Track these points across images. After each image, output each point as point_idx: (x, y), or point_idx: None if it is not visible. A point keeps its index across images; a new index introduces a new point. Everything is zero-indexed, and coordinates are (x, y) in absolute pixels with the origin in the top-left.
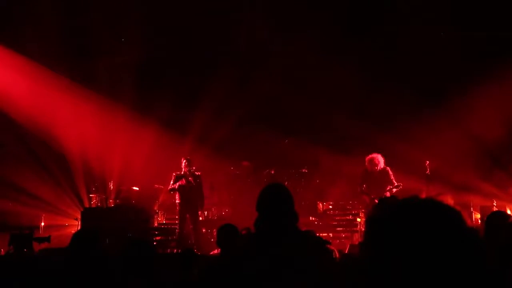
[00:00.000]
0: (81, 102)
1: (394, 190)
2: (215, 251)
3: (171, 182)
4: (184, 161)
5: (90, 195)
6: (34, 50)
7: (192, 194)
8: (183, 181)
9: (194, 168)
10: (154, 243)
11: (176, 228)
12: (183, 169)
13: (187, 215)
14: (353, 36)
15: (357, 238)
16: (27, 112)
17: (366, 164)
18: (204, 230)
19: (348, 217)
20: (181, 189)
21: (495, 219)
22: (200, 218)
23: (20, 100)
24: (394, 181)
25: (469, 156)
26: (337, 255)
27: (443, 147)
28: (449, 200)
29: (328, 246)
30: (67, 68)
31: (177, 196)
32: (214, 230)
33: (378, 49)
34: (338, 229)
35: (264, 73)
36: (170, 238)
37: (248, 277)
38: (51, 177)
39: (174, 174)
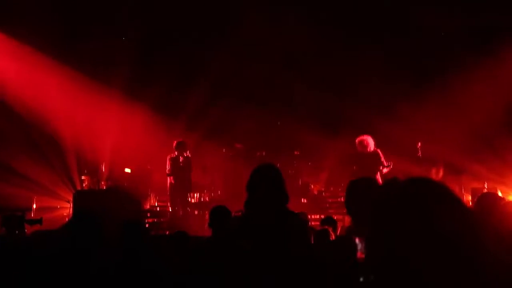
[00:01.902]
0: (73, 84)
1: (385, 170)
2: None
3: (168, 167)
4: (176, 143)
5: (82, 177)
6: (24, 32)
7: (183, 177)
8: (177, 164)
9: (186, 150)
10: (146, 225)
11: (168, 210)
12: (175, 152)
13: (178, 198)
14: (344, 17)
15: (348, 220)
16: (18, 94)
17: (356, 145)
18: (196, 212)
19: (339, 199)
20: (175, 171)
21: (486, 200)
22: (192, 200)
23: (11, 83)
24: (385, 162)
25: (461, 137)
26: (333, 236)
27: (435, 129)
28: (440, 173)
29: (326, 227)
30: (59, 50)
31: (170, 180)
32: (207, 212)
33: (370, 30)
34: (330, 211)
35: (258, 55)
36: (162, 220)
37: (237, 258)
38: (43, 159)
39: (168, 157)
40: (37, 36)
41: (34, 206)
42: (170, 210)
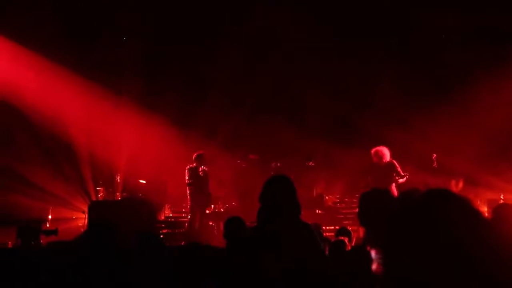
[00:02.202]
0: (89, 95)
1: (400, 181)
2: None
3: (187, 177)
4: (196, 155)
5: (97, 188)
6: (41, 43)
7: (202, 188)
8: (201, 173)
9: (205, 163)
10: (161, 236)
11: (186, 221)
12: (194, 163)
13: (198, 208)
14: (361, 27)
15: (363, 231)
16: (35, 105)
17: (372, 156)
18: (211, 223)
19: (354, 210)
20: (194, 182)
21: (502, 211)
22: (207, 211)
23: (28, 94)
24: (401, 173)
25: (477, 148)
26: (349, 247)
27: (450, 140)
28: (460, 185)
29: (342, 238)
30: (75, 61)
31: (191, 190)
32: (221, 223)
33: (386, 40)
34: (344, 222)
35: (271, 67)
36: (177, 231)
37: (251, 268)
38: (59, 170)
39: (187, 167)
40: (53, 46)
41: (50, 216)
42: (189, 220)
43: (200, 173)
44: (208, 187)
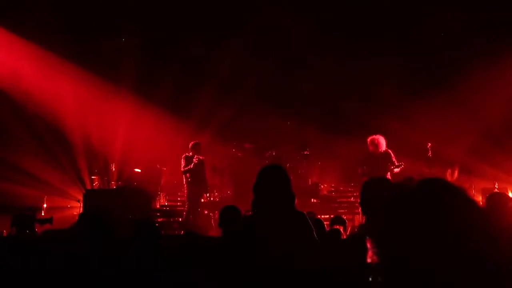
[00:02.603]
0: (83, 84)
1: (396, 170)
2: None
3: (183, 164)
4: (192, 144)
5: (92, 177)
6: (35, 32)
7: (198, 177)
8: (195, 161)
9: (201, 152)
10: (156, 225)
11: (181, 210)
12: (190, 152)
13: (194, 197)
14: (356, 16)
15: (358, 220)
16: (30, 94)
17: (368, 145)
18: (206, 212)
19: (349, 199)
20: (192, 171)
21: (495, 200)
22: (202, 200)
23: (23, 83)
24: (396, 162)
25: (472, 138)
26: (344, 236)
27: (445, 129)
28: (455, 174)
29: (337, 226)
30: (69, 50)
31: (187, 179)
32: (216, 212)
33: (382, 30)
34: (339, 211)
35: (268, 54)
36: (172, 219)
37: (246, 257)
38: (54, 158)
39: (183, 156)
40: (49, 37)
41: (45, 205)
42: (186, 209)
43: (195, 160)
44: (204, 176)
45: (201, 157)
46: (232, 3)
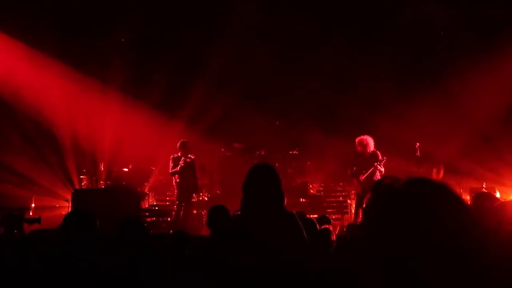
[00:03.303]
0: (72, 83)
1: (380, 168)
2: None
3: (171, 165)
4: (180, 143)
5: (81, 177)
6: (23, 31)
7: (188, 177)
8: (182, 164)
9: (190, 151)
10: (145, 224)
11: (170, 210)
12: (179, 152)
13: (184, 198)
14: (346, 14)
15: (347, 219)
16: (17, 93)
17: (356, 145)
18: (195, 212)
19: (338, 199)
20: (180, 172)
21: (481, 199)
22: (192, 200)
23: (11, 82)
24: (382, 164)
25: (460, 137)
26: (334, 237)
27: (434, 128)
28: (441, 173)
29: (326, 226)
30: (58, 49)
31: (176, 179)
32: (205, 211)
33: (370, 28)
34: (328, 210)
35: (257, 53)
36: (161, 219)
37: (234, 257)
38: (42, 158)
39: (171, 157)
40: (36, 35)
41: (33, 205)
42: (175, 209)
43: (181, 163)
44: (194, 176)
45: (191, 156)
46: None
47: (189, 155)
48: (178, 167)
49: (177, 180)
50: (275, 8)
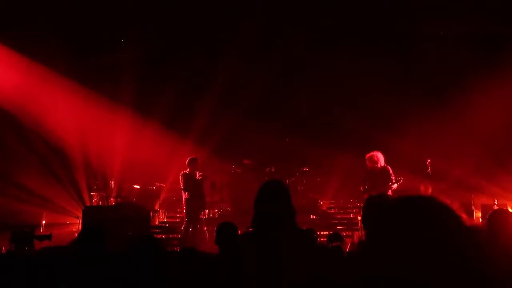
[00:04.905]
0: (83, 100)
1: (395, 186)
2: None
3: (182, 182)
4: (189, 160)
5: (91, 193)
6: (35, 49)
7: (197, 193)
8: (191, 180)
9: (198, 168)
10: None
11: (182, 226)
12: (188, 168)
13: (193, 214)
14: (354, 32)
15: (358, 236)
16: (29, 110)
17: (366, 162)
18: (205, 229)
19: (349, 216)
20: (190, 187)
21: (497, 217)
22: (201, 216)
23: (21, 99)
24: (393, 179)
25: (471, 154)
26: (344, 254)
27: (444, 145)
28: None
29: (337, 243)
30: (68, 66)
31: (186, 196)
32: (215, 228)
33: (380, 45)
34: (339, 227)
35: (266, 70)
36: (171, 236)
37: (246, 275)
38: (53, 175)
39: (181, 173)
40: (47, 52)
41: (44, 222)
42: (184, 226)
43: (195, 179)
44: (203, 192)
45: (201, 173)
46: (229, 17)
47: (197, 172)
48: (191, 184)
49: (187, 197)
50: (280, 27)
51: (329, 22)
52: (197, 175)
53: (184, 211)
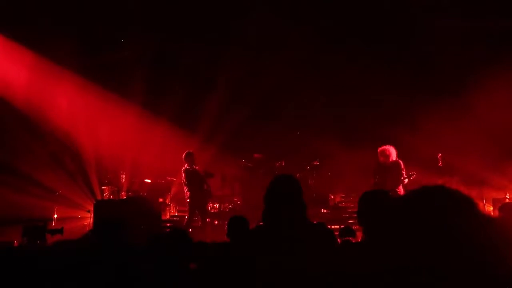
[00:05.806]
0: (94, 97)
1: (406, 180)
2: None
3: (183, 177)
4: (184, 154)
5: (103, 187)
6: (46, 46)
7: (200, 187)
8: (193, 174)
9: (195, 162)
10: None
11: (184, 219)
12: (185, 163)
13: (196, 208)
14: (366, 28)
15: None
16: (40, 107)
17: (378, 155)
18: (216, 222)
19: None
20: (191, 182)
21: (508, 209)
22: (212, 210)
23: (33, 96)
24: (405, 174)
25: (482, 148)
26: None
27: (455, 139)
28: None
29: (349, 237)
30: (79, 64)
31: (188, 190)
32: (226, 222)
33: (391, 41)
34: (349, 221)
35: (277, 64)
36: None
37: (256, 268)
38: (64, 169)
39: (183, 169)
40: (58, 49)
41: (55, 216)
42: (187, 219)
43: (195, 173)
44: (204, 185)
45: (196, 167)
46: (235, 13)
47: (193, 166)
48: (192, 178)
49: (189, 192)
50: (290, 21)
51: (338, 20)
52: (194, 169)
53: (188, 204)
